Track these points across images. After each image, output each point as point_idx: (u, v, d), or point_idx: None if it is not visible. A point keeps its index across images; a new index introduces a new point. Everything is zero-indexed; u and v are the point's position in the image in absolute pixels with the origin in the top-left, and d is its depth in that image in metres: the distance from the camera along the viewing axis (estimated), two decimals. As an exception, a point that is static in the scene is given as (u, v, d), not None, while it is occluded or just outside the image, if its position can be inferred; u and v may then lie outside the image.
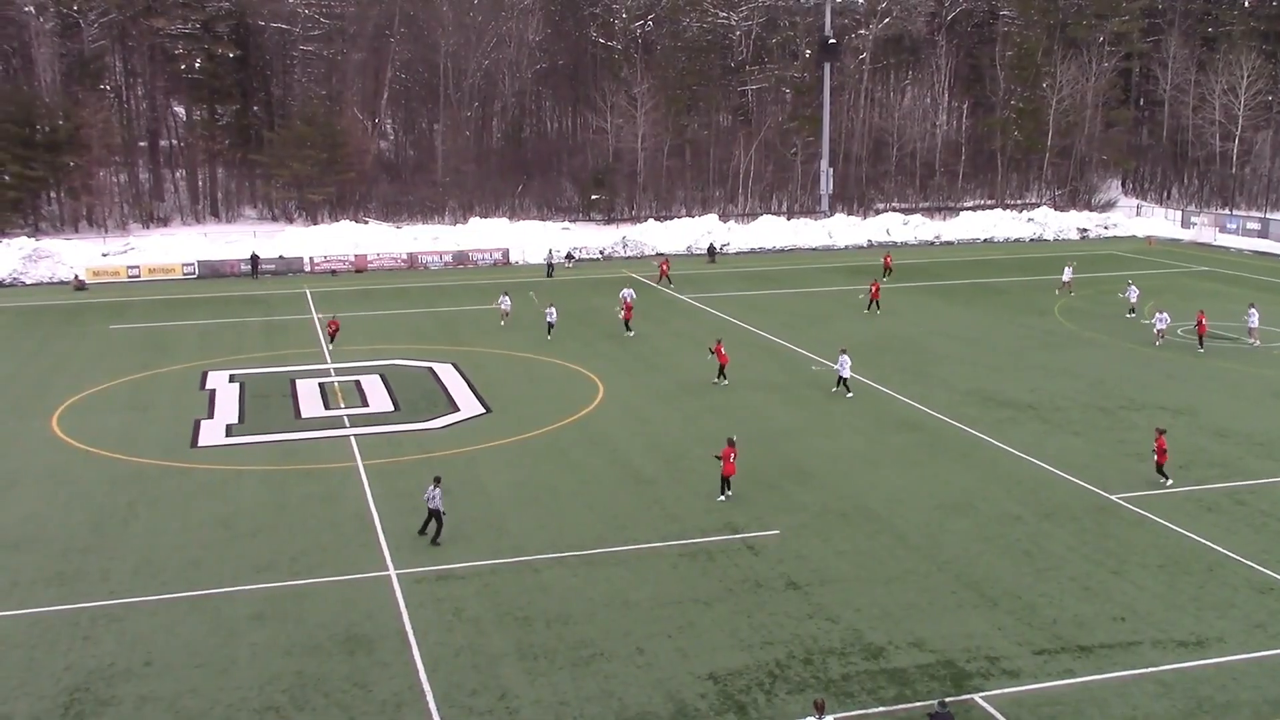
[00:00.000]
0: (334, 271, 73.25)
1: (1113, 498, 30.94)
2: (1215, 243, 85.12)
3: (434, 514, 27.91)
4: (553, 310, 51.78)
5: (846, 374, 41.18)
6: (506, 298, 54.78)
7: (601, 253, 78.69)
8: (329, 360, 47.87)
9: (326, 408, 40.69)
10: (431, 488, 28.00)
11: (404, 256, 75.73)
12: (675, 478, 32.94)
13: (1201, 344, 48.65)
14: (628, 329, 52.32)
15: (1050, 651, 22.53)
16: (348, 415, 39.65)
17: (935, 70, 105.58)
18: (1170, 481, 31.56)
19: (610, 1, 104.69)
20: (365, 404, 41.13)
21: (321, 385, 43.69)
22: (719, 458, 30.89)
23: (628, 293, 55.12)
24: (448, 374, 45.35)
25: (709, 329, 52.28)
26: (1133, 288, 56.48)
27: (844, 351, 41.92)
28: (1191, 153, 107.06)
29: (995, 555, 27.22)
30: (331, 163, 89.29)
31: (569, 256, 76.71)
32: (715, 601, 24.78)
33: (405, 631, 23.49)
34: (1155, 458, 31.92)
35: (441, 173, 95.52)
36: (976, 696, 20.90)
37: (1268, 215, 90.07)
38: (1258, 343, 49.63)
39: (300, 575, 26.30)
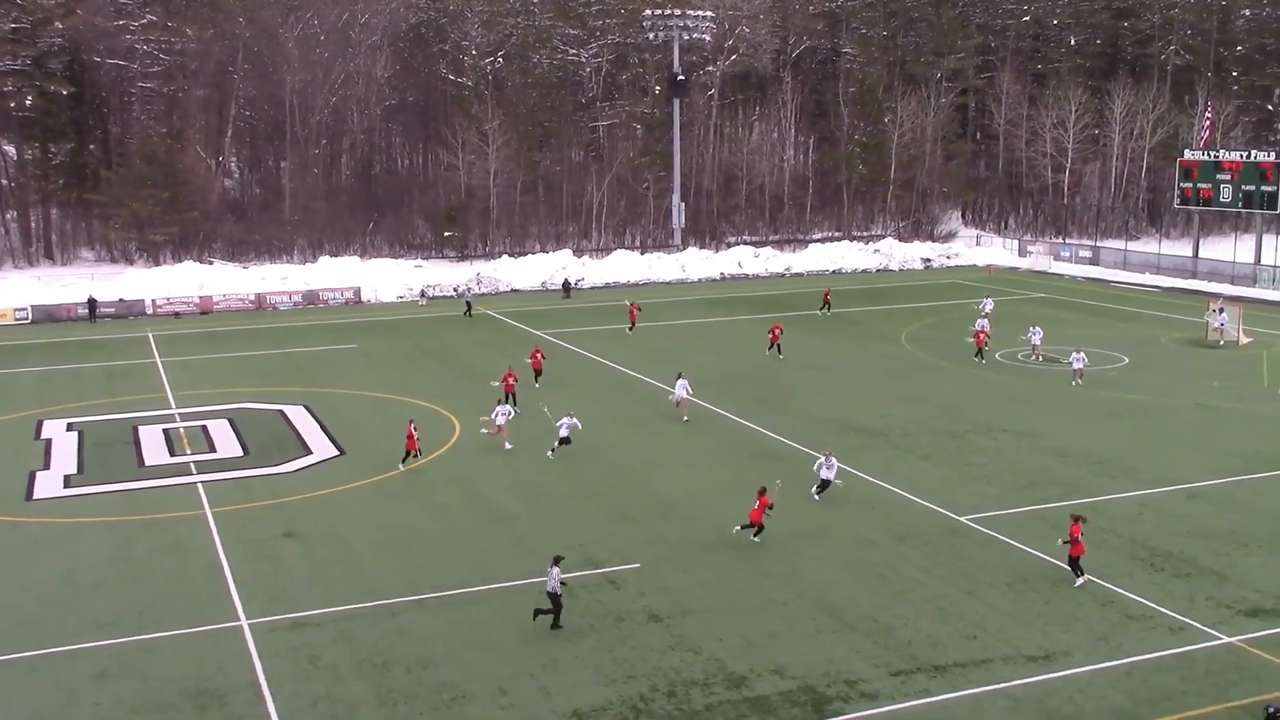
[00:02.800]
0: (178, 314, 71.12)
1: (962, 519, 31.79)
2: (1051, 270, 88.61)
3: (551, 597, 24.99)
4: (570, 421, 38.44)
5: (830, 475, 33.50)
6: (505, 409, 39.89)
7: (455, 290, 78.07)
8: (174, 405, 46.38)
9: (172, 454, 39.34)
10: (550, 567, 25.09)
11: (251, 297, 73.92)
12: (536, 515, 32.72)
13: (980, 355, 52.73)
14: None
15: (906, 672, 22.97)
16: (194, 461, 38.39)
17: (782, 106, 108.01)
18: (1082, 581, 27.02)
19: (459, 39, 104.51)
20: (213, 449, 39.89)
21: (166, 432, 42.27)
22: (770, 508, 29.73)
23: (682, 385, 43.50)
24: (299, 416, 44.32)
25: (566, 364, 52.22)
26: (1036, 329, 54.12)
27: (830, 453, 34.24)
28: (1026, 184, 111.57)
29: (852, 580, 27.69)
30: (173, 202, 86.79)
31: (422, 294, 76.07)
32: (578, 638, 24.63)
33: (259, 683, 22.75)
34: (1070, 549, 27.20)
35: (289, 211, 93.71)
36: (837, 721, 21.20)
37: (1098, 243, 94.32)
38: (1040, 359, 52.35)
39: (147, 629, 25.27)
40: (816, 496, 33.34)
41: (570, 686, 22.52)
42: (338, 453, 39.36)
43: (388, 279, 78.94)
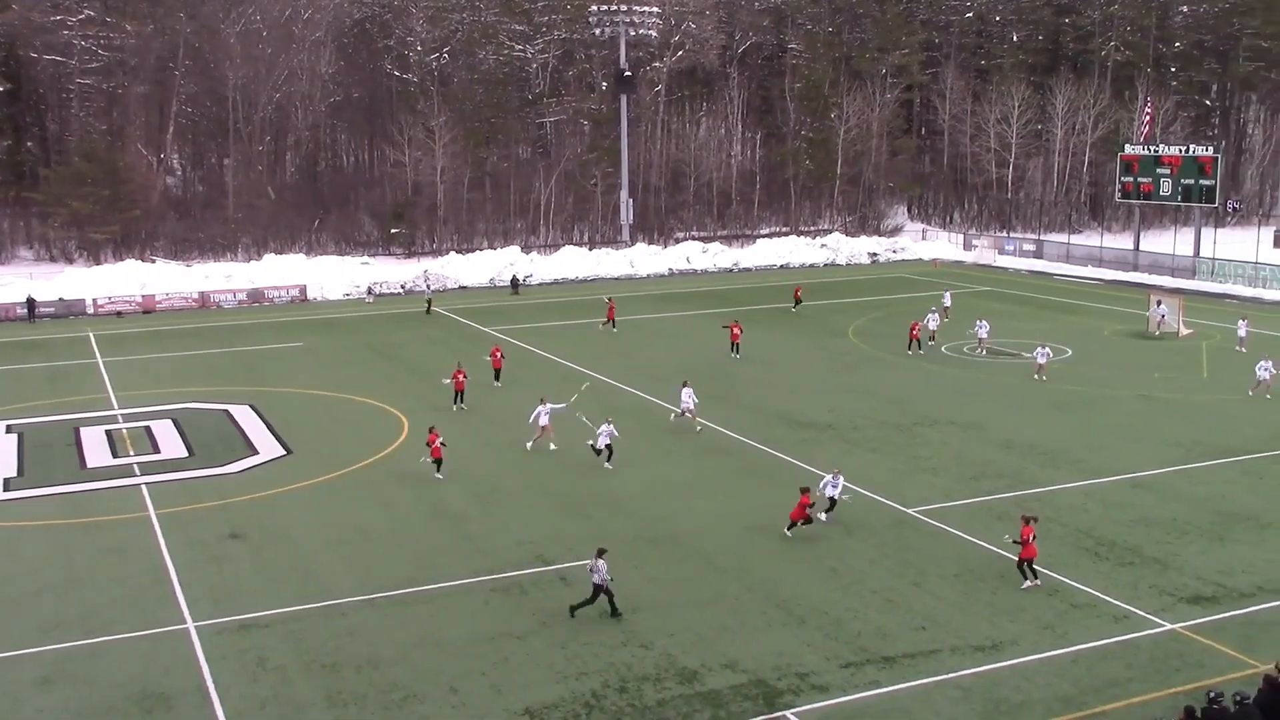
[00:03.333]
0: (119, 313, 70.11)
1: (910, 511, 32.05)
2: (995, 264, 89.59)
3: (599, 589, 24.92)
4: (608, 429, 36.49)
5: (835, 493, 31.08)
6: (546, 409, 38.23)
7: (403, 287, 77.65)
8: (116, 406, 45.72)
9: (115, 456, 38.77)
10: (594, 560, 25.04)
11: (195, 296, 73.05)
12: (486, 512, 32.60)
13: (912, 348, 53.58)
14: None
15: (856, 664, 23.12)
16: (138, 463, 37.85)
17: (728, 101, 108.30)
18: (1029, 584, 26.60)
19: (404, 34, 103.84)
20: (157, 450, 39.33)
21: (108, 433, 41.65)
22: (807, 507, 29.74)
23: (688, 394, 40.65)
24: (245, 415, 43.83)
25: (514, 362, 52.03)
26: (982, 322, 54.96)
27: (837, 472, 31.64)
28: (970, 179, 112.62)
29: (802, 573, 27.82)
30: (114, 200, 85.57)
31: (369, 291, 75.57)
32: (529, 635, 24.58)
33: (206, 686, 22.49)
34: (1020, 551, 26.76)
35: (233, 209, 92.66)
36: (788, 713, 21.27)
37: (1041, 237, 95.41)
38: (985, 352, 53.14)
39: (91, 634, 24.88)
40: (824, 518, 30.75)
41: (521, 684, 22.46)
42: (285, 452, 38.98)
43: (334, 276, 78.35)
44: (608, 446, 36.43)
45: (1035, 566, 27.00)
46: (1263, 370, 45.07)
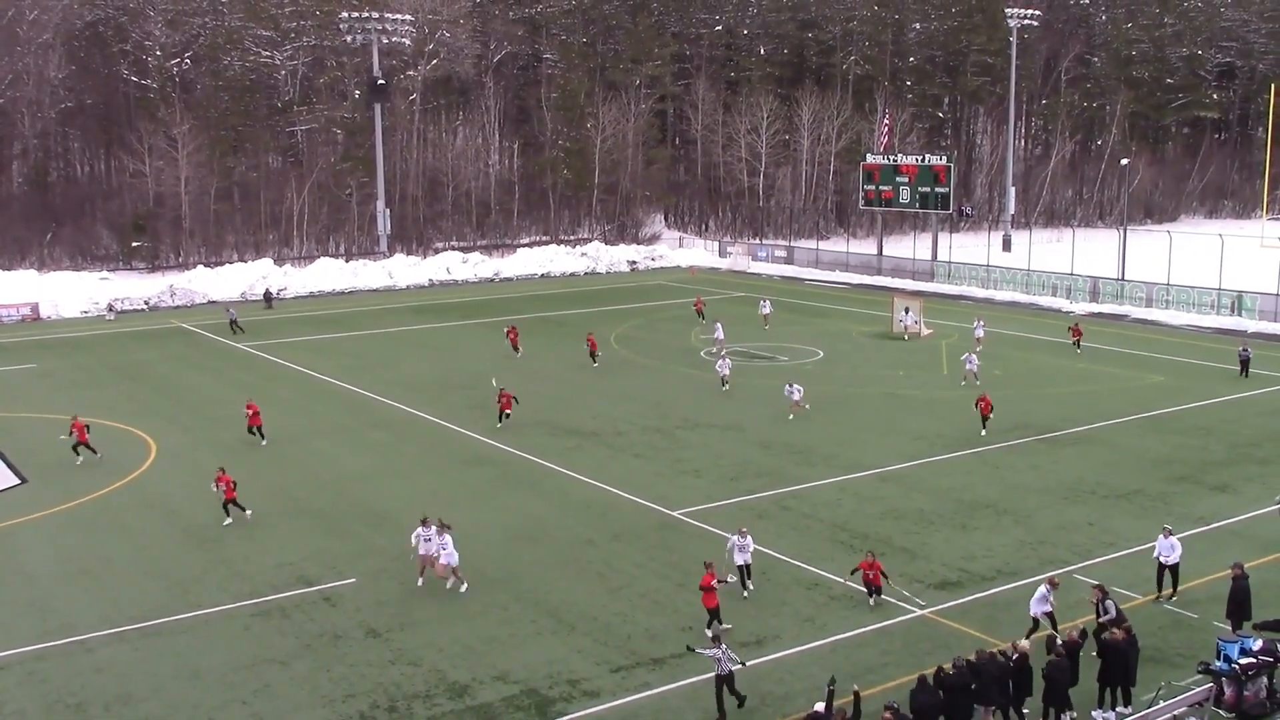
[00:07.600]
0: None
1: (674, 514, 32.59)
2: (750, 270, 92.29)
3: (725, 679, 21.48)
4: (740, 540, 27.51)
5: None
6: None
7: (146, 303, 74.02)
8: None
9: None
10: (716, 650, 21.47)
11: (-88, 316, 67.73)
12: (243, 535, 31.36)
13: (594, 359, 53.06)
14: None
15: (626, 667, 23.34)
16: None
17: (485, 111, 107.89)
18: (713, 630, 24.14)
19: (142, 38, 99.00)
20: None
21: None
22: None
23: None
24: (-27, 444, 40.87)
25: (268, 377, 50.37)
26: (717, 324, 56.90)
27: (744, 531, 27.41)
28: (724, 188, 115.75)
29: (570, 580, 27.90)
30: None
31: (109, 308, 71.71)
32: (293, 659, 23.77)
33: (-67, 738, 20.84)
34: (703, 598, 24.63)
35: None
36: (561, 721, 21.31)
37: (792, 243, 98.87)
38: (723, 352, 54.19)
39: None
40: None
41: (285, 711, 21.69)
42: (18, 481, 36.54)
43: (70, 293, 74.04)
44: (745, 567, 27.16)
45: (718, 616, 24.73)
46: (969, 363, 48.67)
